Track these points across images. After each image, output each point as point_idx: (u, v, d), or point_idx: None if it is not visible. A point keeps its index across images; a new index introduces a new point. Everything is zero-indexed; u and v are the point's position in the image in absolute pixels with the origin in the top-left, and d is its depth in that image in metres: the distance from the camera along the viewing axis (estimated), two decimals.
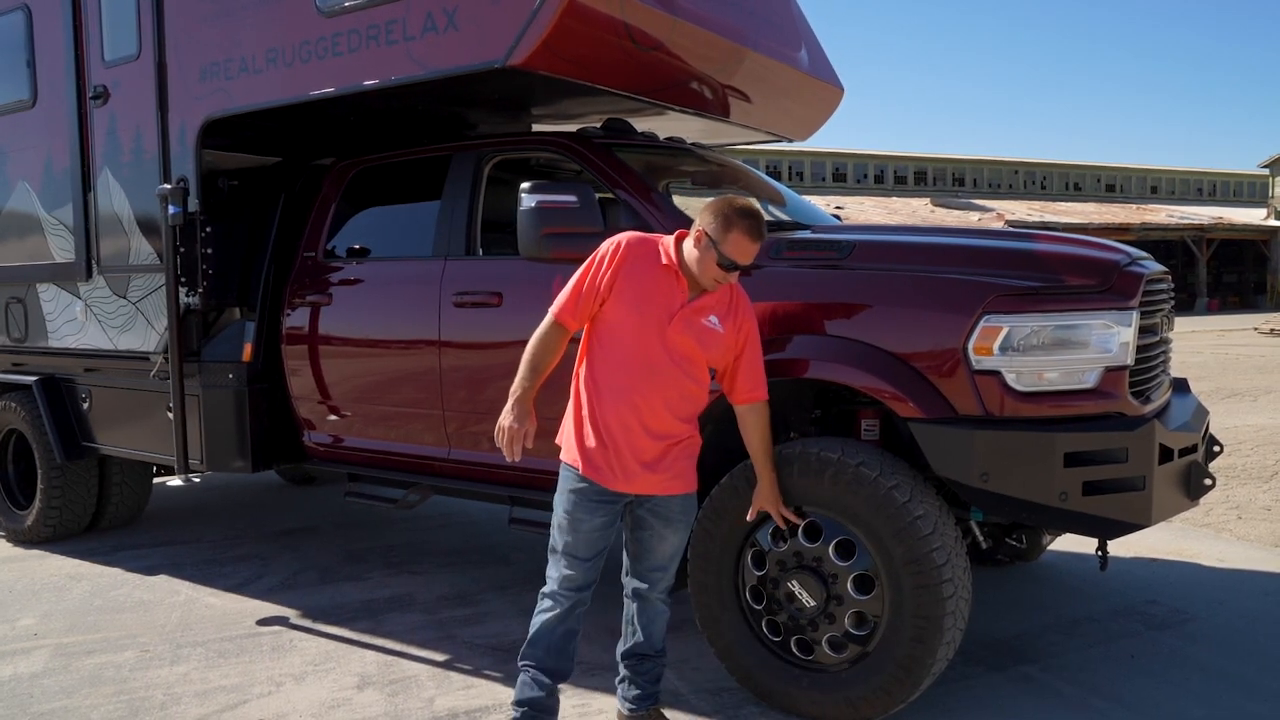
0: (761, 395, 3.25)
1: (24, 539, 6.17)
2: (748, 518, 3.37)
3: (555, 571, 3.19)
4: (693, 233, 3.12)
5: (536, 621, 3.23)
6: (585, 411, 3.15)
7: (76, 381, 5.88)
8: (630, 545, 3.28)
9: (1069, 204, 46.83)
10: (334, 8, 4.32)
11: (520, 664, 3.26)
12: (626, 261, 3.10)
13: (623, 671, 3.39)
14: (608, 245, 3.14)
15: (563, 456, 3.20)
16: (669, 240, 3.18)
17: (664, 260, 3.13)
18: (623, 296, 3.09)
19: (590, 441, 3.12)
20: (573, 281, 3.16)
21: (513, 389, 3.17)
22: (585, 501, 3.12)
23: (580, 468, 3.13)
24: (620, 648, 3.40)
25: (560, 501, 3.19)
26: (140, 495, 6.41)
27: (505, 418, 3.15)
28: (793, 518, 3.32)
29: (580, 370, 3.19)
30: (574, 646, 3.26)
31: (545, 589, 3.23)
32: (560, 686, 3.28)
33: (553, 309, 3.17)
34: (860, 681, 3.29)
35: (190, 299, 4.96)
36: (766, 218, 4.53)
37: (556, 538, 3.19)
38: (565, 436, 3.21)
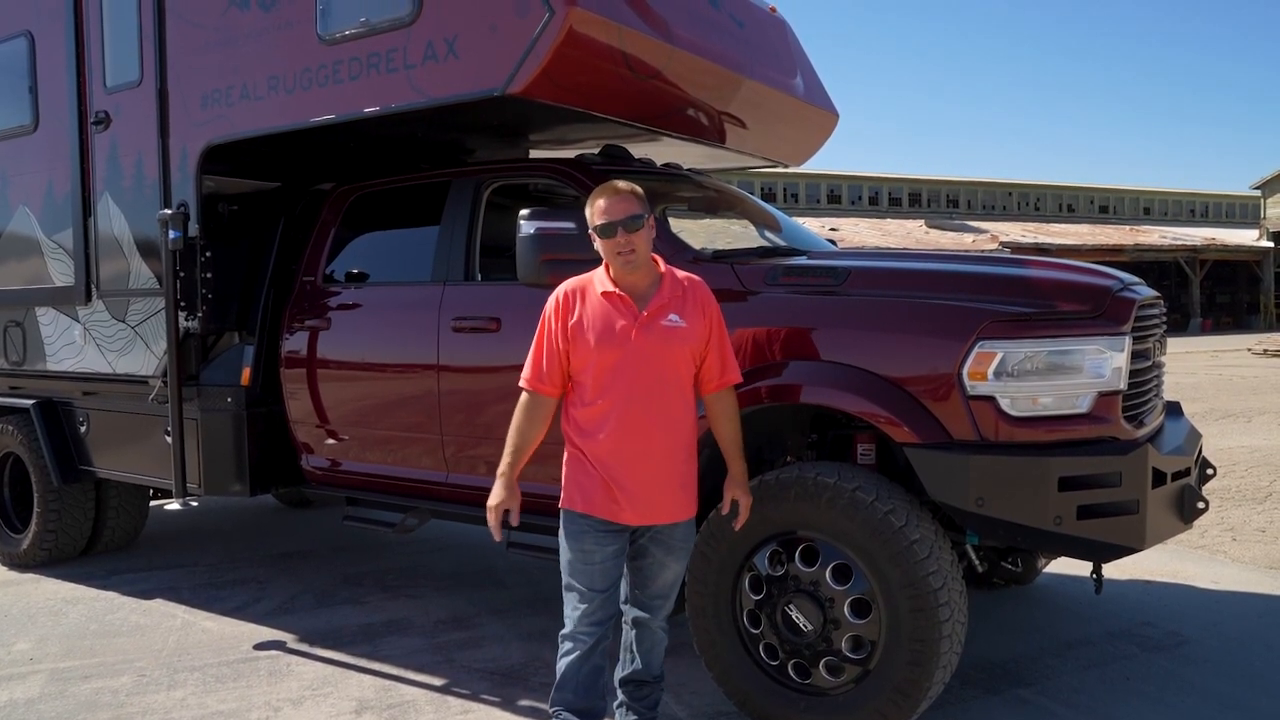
0: (734, 378, 3.25)
1: (19, 562, 6.16)
2: (723, 510, 3.34)
3: (573, 610, 3.17)
4: None
5: (561, 665, 3.20)
6: (581, 457, 3.15)
7: (74, 405, 5.89)
8: (631, 574, 3.28)
9: (1063, 225, 47.06)
10: (335, 36, 4.37)
11: (551, 710, 3.24)
12: (569, 309, 3.14)
13: (620, 697, 3.38)
14: (548, 305, 3.19)
15: (562, 504, 3.20)
16: (600, 270, 3.21)
17: (601, 288, 3.15)
18: (581, 340, 3.11)
19: (591, 482, 3.13)
20: (531, 351, 3.19)
21: (499, 468, 3.21)
22: (594, 533, 3.13)
23: (579, 507, 3.14)
24: (618, 674, 3.39)
25: (567, 539, 3.18)
26: (137, 519, 6.41)
27: (491, 498, 3.21)
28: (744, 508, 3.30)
29: (568, 424, 3.20)
30: (603, 683, 3.24)
31: (564, 630, 3.21)
32: None
33: (523, 382, 3.19)
34: (857, 705, 3.30)
35: (189, 323, 4.98)
36: (760, 243, 4.59)
37: (569, 575, 3.17)
38: (564, 486, 3.21)
